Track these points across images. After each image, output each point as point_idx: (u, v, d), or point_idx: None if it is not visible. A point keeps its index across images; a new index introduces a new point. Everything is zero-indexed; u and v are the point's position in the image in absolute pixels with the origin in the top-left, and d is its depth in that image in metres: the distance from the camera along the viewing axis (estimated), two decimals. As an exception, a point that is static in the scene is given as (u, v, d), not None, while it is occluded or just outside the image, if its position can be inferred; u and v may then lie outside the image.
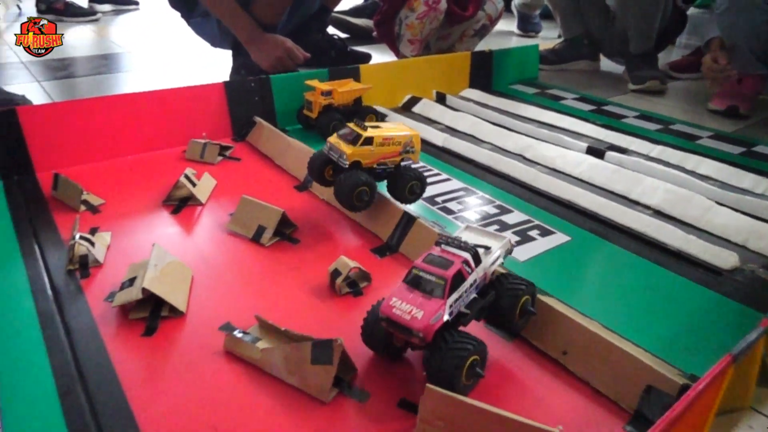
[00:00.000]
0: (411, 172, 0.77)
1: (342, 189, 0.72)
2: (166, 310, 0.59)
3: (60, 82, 1.56)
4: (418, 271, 0.49)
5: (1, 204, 0.82)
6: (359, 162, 0.74)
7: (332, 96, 1.07)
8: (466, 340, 0.48)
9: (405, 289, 0.49)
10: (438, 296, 0.47)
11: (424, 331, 0.46)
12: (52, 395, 0.48)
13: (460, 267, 0.49)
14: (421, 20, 1.49)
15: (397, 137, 0.75)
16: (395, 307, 0.48)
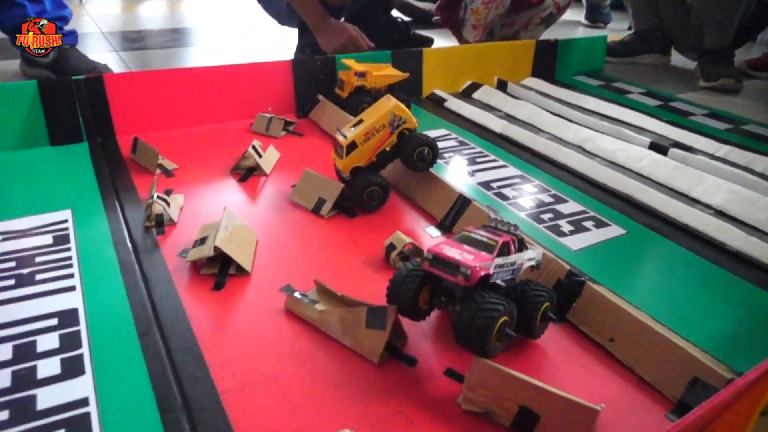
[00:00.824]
0: (419, 138, 0.77)
1: (355, 190, 0.76)
2: (233, 269, 0.63)
3: (136, 53, 1.65)
4: (468, 233, 0.52)
5: (86, 163, 0.89)
6: (358, 167, 0.76)
7: (365, 78, 1.07)
8: (499, 300, 0.48)
9: (455, 242, 0.51)
10: (488, 252, 0.49)
11: (472, 270, 0.47)
12: (132, 334, 0.53)
13: (509, 239, 0.52)
14: (486, 5, 1.48)
15: (377, 122, 0.75)
16: (445, 250, 0.49)
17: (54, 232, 0.69)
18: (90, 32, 1.87)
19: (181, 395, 0.47)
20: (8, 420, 0.44)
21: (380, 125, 0.76)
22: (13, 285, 0.59)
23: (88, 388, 0.47)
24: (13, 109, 0.91)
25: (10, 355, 0.50)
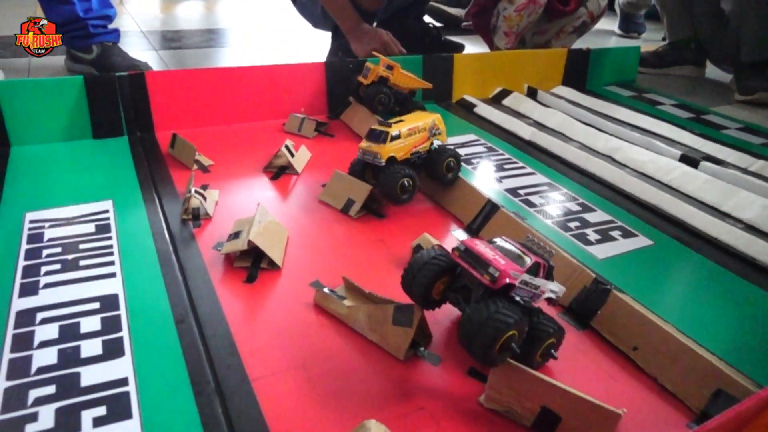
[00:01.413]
0: (444, 150, 0.81)
1: (386, 184, 0.77)
2: (265, 263, 0.66)
3: (173, 51, 1.70)
4: (504, 242, 0.51)
5: (126, 156, 0.92)
6: (394, 157, 0.78)
7: (392, 71, 1.08)
8: (514, 313, 0.46)
9: (488, 244, 0.51)
10: (519, 264, 0.49)
11: (501, 272, 0.46)
12: (169, 321, 0.56)
13: (541, 262, 0.51)
14: (519, 13, 1.49)
15: (421, 125, 0.80)
16: (478, 245, 0.49)
17: (96, 221, 0.73)
18: (131, 31, 1.93)
19: (215, 380, 0.49)
20: (55, 394, 0.47)
21: (422, 128, 0.80)
22: (58, 269, 0.63)
23: (127, 369, 0.50)
24: (60, 103, 0.95)
25: (57, 335, 0.53)
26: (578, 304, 0.61)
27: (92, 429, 0.44)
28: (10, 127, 0.92)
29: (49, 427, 0.44)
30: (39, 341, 0.52)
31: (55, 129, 0.95)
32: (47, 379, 0.48)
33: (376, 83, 1.08)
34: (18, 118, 0.93)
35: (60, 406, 0.45)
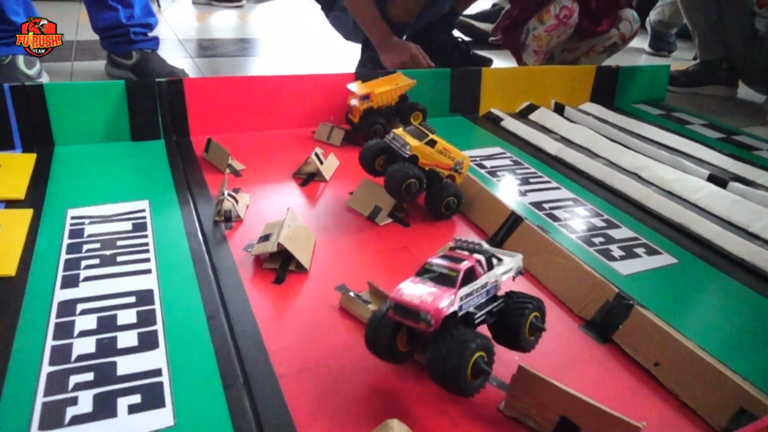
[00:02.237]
0: (450, 188, 0.81)
1: (393, 178, 0.76)
2: (293, 265, 0.68)
3: (208, 59, 1.75)
4: (430, 266, 0.49)
5: (162, 159, 0.96)
6: (417, 157, 0.78)
7: (370, 99, 1.05)
8: (471, 336, 0.46)
9: (415, 280, 0.48)
10: (449, 286, 0.47)
11: (433, 313, 0.44)
12: (201, 317, 0.58)
13: (473, 264, 0.48)
14: (549, 33, 1.50)
15: (453, 153, 0.81)
16: (404, 294, 0.47)
17: (133, 220, 0.76)
18: (168, 38, 2.00)
19: (243, 375, 0.51)
20: (93, 381, 0.49)
21: (452, 156, 0.81)
22: (97, 264, 0.66)
23: (161, 361, 0.52)
24: (102, 106, 0.99)
25: (95, 325, 0.56)
26: (600, 318, 0.61)
27: (127, 415, 0.46)
28: (55, 128, 0.97)
29: (88, 411, 0.46)
30: (79, 330, 0.55)
31: (96, 130, 0.99)
32: (86, 366, 0.51)
33: (363, 117, 1.06)
34: (62, 120, 0.97)
35: (98, 393, 0.48)
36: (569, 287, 0.66)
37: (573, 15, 1.49)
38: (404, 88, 1.10)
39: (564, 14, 1.48)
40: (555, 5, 1.47)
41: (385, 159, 0.83)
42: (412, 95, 1.23)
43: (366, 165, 0.84)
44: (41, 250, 0.68)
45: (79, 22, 2.11)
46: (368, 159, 0.83)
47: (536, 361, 0.54)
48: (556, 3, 1.47)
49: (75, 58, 1.61)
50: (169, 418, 0.46)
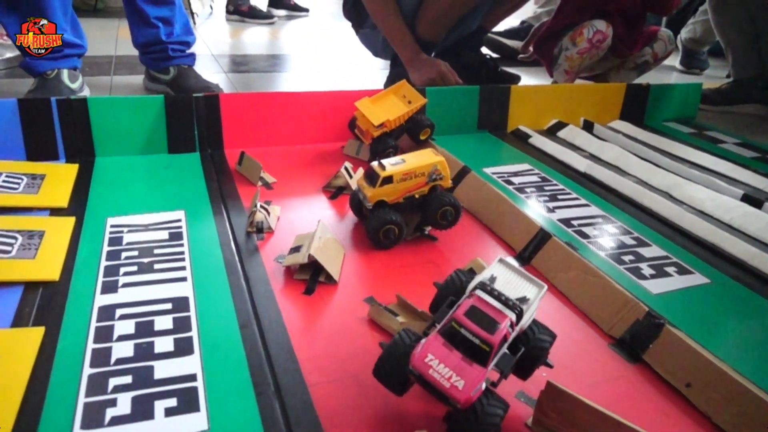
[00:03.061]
0: (446, 198, 0.78)
1: (371, 225, 0.75)
2: (323, 277, 0.69)
3: (241, 75, 1.80)
4: (459, 327, 0.45)
5: (197, 171, 0.99)
6: (383, 201, 0.76)
7: (385, 126, 1.04)
8: (496, 404, 0.44)
9: (441, 344, 0.45)
10: (480, 364, 0.44)
11: (463, 403, 0.43)
12: (234, 325, 0.60)
13: (506, 332, 0.45)
14: (581, 55, 1.50)
15: (419, 169, 0.76)
16: (432, 367, 0.43)
17: (170, 229, 0.78)
18: (203, 54, 2.06)
19: (274, 383, 0.52)
20: (131, 384, 0.51)
21: (420, 172, 0.77)
22: (135, 271, 0.68)
23: (196, 366, 0.54)
24: (141, 119, 1.03)
25: (133, 330, 0.58)
26: (630, 337, 0.61)
27: (164, 418, 0.48)
28: (96, 140, 1.01)
29: (127, 413, 0.48)
30: (118, 335, 0.57)
31: (135, 143, 1.03)
32: (125, 369, 0.52)
33: (376, 140, 1.05)
34: (103, 132, 1.01)
35: (136, 395, 0.50)
36: (598, 305, 0.66)
37: (606, 39, 1.48)
38: (415, 109, 1.09)
39: (597, 38, 1.48)
40: (589, 28, 1.47)
41: None
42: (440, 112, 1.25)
43: (355, 211, 0.83)
44: (83, 257, 0.71)
45: (118, 38, 2.20)
46: (355, 207, 0.82)
47: (564, 377, 0.54)
48: (590, 26, 1.47)
49: (114, 72, 1.67)
50: (204, 422, 0.48)
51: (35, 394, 0.49)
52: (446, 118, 1.23)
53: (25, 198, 0.83)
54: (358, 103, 1.06)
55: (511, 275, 0.51)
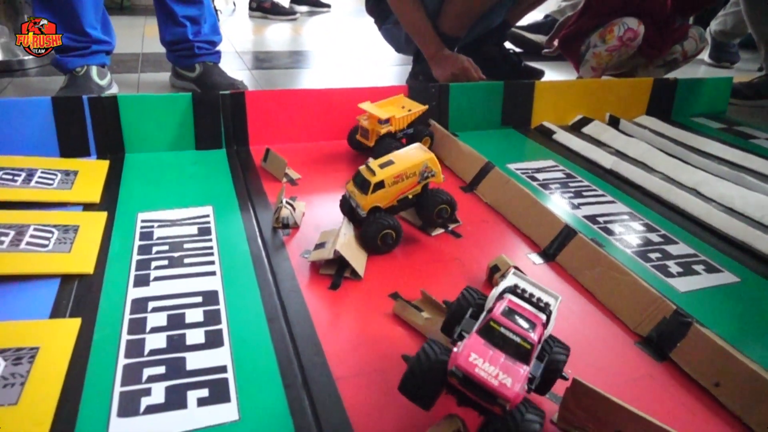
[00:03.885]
0: (441, 196, 0.76)
1: (368, 231, 0.73)
2: (348, 272, 0.70)
3: (264, 71, 1.82)
4: (498, 326, 0.44)
5: (224, 167, 1.01)
6: (377, 207, 0.74)
7: (390, 124, 1.02)
8: (535, 412, 0.43)
9: (482, 344, 0.44)
10: (523, 362, 0.43)
11: (513, 401, 0.41)
12: (262, 319, 0.61)
13: (541, 331, 0.45)
14: (609, 53, 1.48)
15: (410, 169, 0.74)
16: (477, 366, 0.42)
17: (198, 224, 0.80)
18: (227, 51, 2.08)
19: (302, 375, 0.53)
20: (164, 374, 0.52)
21: (411, 173, 0.75)
22: (166, 265, 0.70)
23: (226, 358, 0.55)
24: (170, 116, 1.05)
25: (165, 322, 0.59)
26: (657, 335, 0.61)
27: (196, 408, 0.49)
28: (126, 136, 1.03)
29: (161, 402, 0.49)
30: (150, 327, 0.59)
31: (163, 139, 1.05)
32: (158, 360, 0.54)
33: (379, 140, 1.02)
34: (133, 129, 1.04)
35: (169, 385, 0.51)
36: (625, 302, 0.66)
37: (637, 38, 1.46)
38: (417, 114, 1.07)
39: (628, 36, 1.45)
40: (620, 26, 1.44)
41: None
42: (463, 108, 1.24)
43: (347, 215, 0.78)
44: (115, 251, 0.73)
45: (144, 36, 2.24)
46: (347, 212, 0.78)
47: (590, 375, 0.53)
48: (621, 24, 1.44)
49: (141, 69, 1.71)
50: (234, 413, 0.49)
51: (74, 383, 0.51)
52: (469, 114, 1.23)
53: (60, 193, 0.85)
54: (361, 105, 1.05)
55: (529, 286, 0.52)
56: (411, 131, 1.08)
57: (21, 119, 0.97)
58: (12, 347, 0.53)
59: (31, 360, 0.52)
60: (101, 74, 1.32)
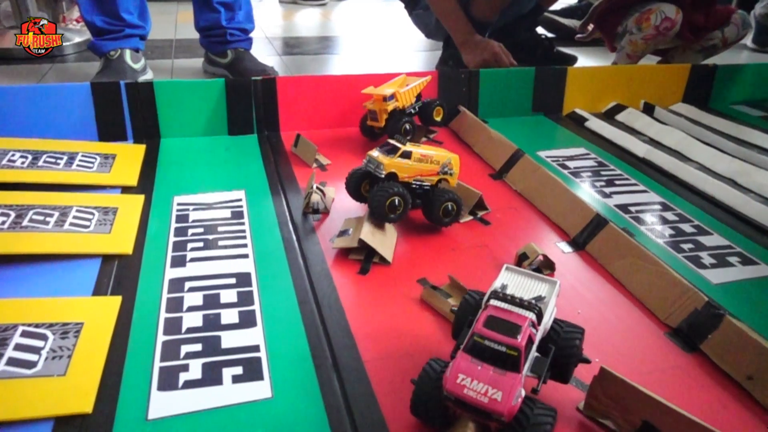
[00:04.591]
0: (447, 194, 0.76)
1: (375, 198, 0.72)
2: (377, 258, 0.71)
3: (294, 57, 1.83)
4: (482, 340, 0.44)
5: (255, 152, 1.03)
6: (395, 174, 0.73)
7: (396, 99, 1.01)
8: (544, 413, 0.43)
9: (470, 361, 0.44)
10: (513, 371, 0.43)
11: (507, 414, 0.41)
12: (293, 301, 0.63)
13: (529, 332, 0.44)
14: (646, 42, 1.44)
15: (436, 156, 0.75)
16: (466, 387, 0.42)
17: (232, 208, 0.82)
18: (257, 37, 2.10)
19: (332, 356, 0.55)
20: (201, 351, 0.55)
21: (435, 160, 0.76)
22: (202, 247, 0.72)
23: (259, 338, 0.57)
24: (203, 102, 1.07)
25: (201, 302, 0.62)
26: (687, 326, 0.60)
27: (231, 384, 0.51)
28: (162, 122, 1.06)
29: (198, 378, 0.52)
30: (187, 306, 0.61)
31: (198, 125, 1.08)
32: (195, 338, 0.56)
33: (390, 119, 1.02)
34: (168, 114, 1.06)
35: (206, 362, 0.53)
36: (655, 293, 0.65)
37: (674, 27, 1.41)
38: (421, 87, 1.06)
39: (665, 26, 1.40)
40: (657, 14, 1.40)
41: (369, 183, 0.78)
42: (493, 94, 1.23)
43: (352, 192, 0.78)
44: (153, 232, 0.75)
45: (177, 22, 2.27)
46: (353, 186, 0.77)
47: (617, 364, 0.53)
48: (659, 12, 1.40)
49: (174, 55, 1.74)
50: (267, 391, 0.51)
51: (116, 357, 0.54)
52: (500, 101, 1.22)
53: (99, 177, 0.88)
54: (365, 90, 1.04)
55: (522, 279, 0.52)
56: (420, 104, 1.08)
57: (62, 104, 1.01)
58: (59, 322, 0.56)
59: (76, 334, 0.55)
60: (134, 58, 1.35)
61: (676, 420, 0.45)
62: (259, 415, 0.48)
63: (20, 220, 0.72)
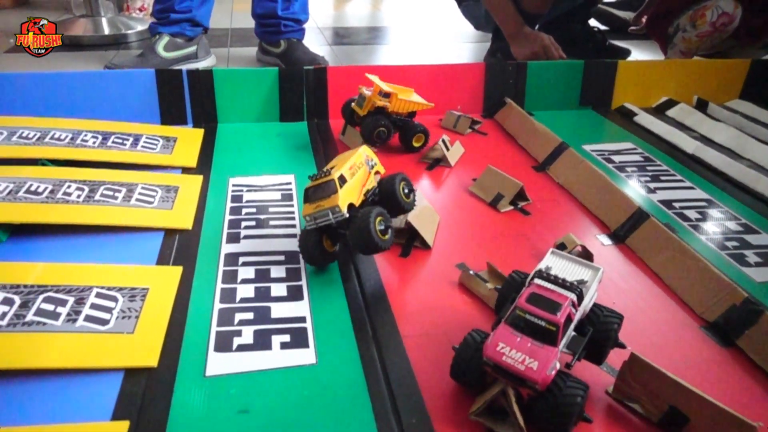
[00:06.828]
0: (393, 178, 0.70)
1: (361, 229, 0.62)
2: (418, 242, 0.74)
3: (344, 47, 1.87)
4: (523, 313, 0.47)
5: (305, 138, 1.07)
6: (352, 204, 0.67)
7: (389, 99, 0.97)
8: (576, 386, 0.45)
9: (510, 332, 0.47)
10: (550, 344, 0.45)
11: (541, 383, 0.44)
12: (337, 279, 0.67)
13: (569, 311, 0.47)
14: (700, 39, 1.39)
15: (357, 161, 0.70)
16: (505, 354, 0.45)
17: (281, 191, 0.87)
18: (309, 27, 2.15)
19: (372, 330, 0.59)
20: (253, 319, 0.59)
21: (359, 162, 0.71)
22: (254, 225, 0.77)
23: (305, 310, 0.61)
24: (258, 90, 1.13)
25: (253, 275, 0.66)
26: (724, 321, 0.60)
27: (280, 350, 0.56)
28: (219, 107, 1.12)
29: (250, 343, 0.56)
30: (241, 278, 0.66)
31: (252, 111, 1.13)
32: (247, 307, 0.61)
33: (373, 113, 0.98)
34: (225, 100, 1.12)
35: (257, 329, 0.58)
36: (693, 287, 0.65)
37: (733, 23, 1.36)
38: (420, 107, 1.02)
39: (722, 22, 1.35)
40: (713, 10, 1.35)
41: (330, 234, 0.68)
42: (541, 87, 1.23)
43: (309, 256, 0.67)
44: (210, 210, 0.81)
45: (233, 11, 2.35)
46: (311, 250, 0.66)
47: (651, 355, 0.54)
48: (715, 7, 1.35)
49: (230, 44, 1.81)
50: (312, 357, 0.55)
51: (178, 320, 0.59)
52: (547, 93, 1.22)
53: (162, 157, 0.95)
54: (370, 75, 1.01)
55: (566, 263, 0.54)
56: (407, 120, 1.02)
57: (128, 89, 1.08)
58: (127, 286, 0.62)
59: (143, 298, 0.61)
60: (173, 45, 1.40)
61: (702, 405, 0.46)
62: (303, 379, 0.53)
63: (93, 194, 0.79)
